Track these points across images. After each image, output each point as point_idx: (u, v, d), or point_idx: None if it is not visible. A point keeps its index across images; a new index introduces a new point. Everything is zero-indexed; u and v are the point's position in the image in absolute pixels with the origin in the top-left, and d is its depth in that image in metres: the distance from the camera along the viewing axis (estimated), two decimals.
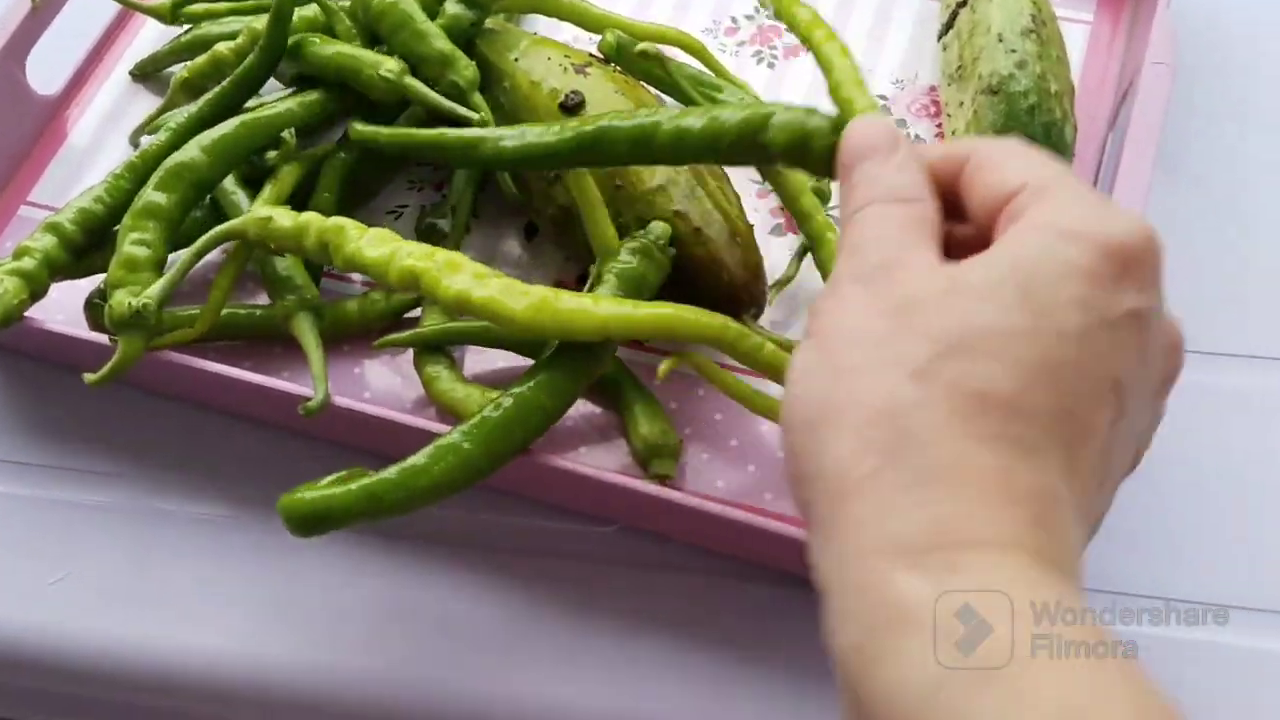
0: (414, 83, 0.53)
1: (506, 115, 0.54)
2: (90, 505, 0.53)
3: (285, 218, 0.47)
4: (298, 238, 0.47)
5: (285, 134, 0.50)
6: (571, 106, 0.49)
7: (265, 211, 0.48)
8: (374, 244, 0.46)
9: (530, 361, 0.49)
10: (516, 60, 0.54)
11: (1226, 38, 0.63)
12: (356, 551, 0.51)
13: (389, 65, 0.53)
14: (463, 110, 0.52)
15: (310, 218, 0.47)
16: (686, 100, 0.54)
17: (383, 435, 0.50)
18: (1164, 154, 0.52)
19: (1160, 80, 0.53)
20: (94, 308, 0.56)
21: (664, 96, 0.57)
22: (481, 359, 0.54)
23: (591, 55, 0.55)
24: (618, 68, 0.55)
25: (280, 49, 0.54)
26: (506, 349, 0.53)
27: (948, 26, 0.59)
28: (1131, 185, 0.50)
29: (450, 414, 0.50)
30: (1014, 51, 0.54)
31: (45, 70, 0.64)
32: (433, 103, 0.53)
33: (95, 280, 0.55)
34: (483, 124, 0.51)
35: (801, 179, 0.52)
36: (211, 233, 0.50)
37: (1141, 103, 0.52)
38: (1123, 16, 0.62)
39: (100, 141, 0.64)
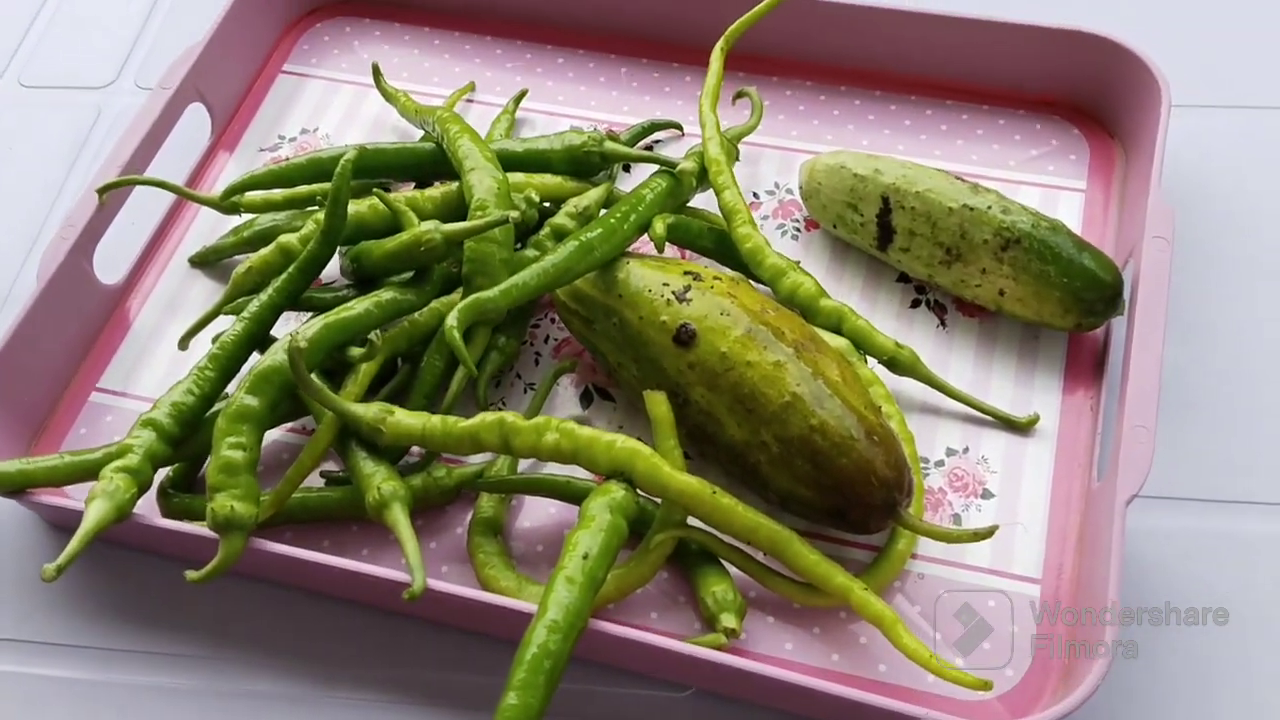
0: (453, 225, 0.58)
1: (619, 343, 0.58)
2: (179, 690, 0.55)
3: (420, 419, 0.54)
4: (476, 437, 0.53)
5: (373, 335, 0.54)
6: (686, 339, 0.54)
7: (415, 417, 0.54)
8: (563, 434, 0.52)
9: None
10: (620, 297, 0.58)
11: (1210, 195, 0.69)
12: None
13: (426, 228, 0.58)
14: (496, 215, 0.58)
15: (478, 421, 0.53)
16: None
17: (470, 615, 0.53)
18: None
19: (1161, 254, 0.58)
20: (166, 496, 0.59)
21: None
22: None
23: (686, 273, 0.57)
24: (716, 276, 0.57)
25: (339, 232, 0.58)
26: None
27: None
28: (1146, 354, 0.55)
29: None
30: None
31: (107, 259, 0.67)
32: (477, 227, 0.58)
33: None
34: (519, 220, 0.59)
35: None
36: (325, 429, 0.55)
37: (1146, 277, 0.57)
38: (1113, 183, 0.68)
39: (161, 328, 0.67)
